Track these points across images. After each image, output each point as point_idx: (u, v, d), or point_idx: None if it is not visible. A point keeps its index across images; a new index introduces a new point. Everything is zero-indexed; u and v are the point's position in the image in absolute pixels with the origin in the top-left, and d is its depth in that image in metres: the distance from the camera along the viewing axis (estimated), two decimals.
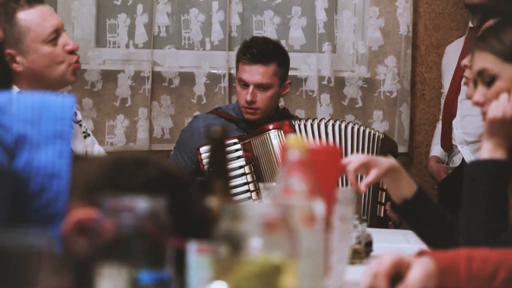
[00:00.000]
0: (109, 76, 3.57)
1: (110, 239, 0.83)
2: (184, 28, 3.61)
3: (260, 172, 2.76)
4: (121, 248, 0.83)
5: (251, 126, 2.90)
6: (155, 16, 3.57)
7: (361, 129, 2.83)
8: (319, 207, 1.01)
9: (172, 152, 3.07)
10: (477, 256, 1.16)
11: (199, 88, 3.58)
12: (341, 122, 2.84)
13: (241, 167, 2.78)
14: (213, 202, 0.98)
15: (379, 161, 1.76)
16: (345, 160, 1.71)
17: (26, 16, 2.16)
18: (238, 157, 2.79)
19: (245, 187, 2.76)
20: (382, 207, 2.75)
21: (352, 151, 2.78)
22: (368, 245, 1.79)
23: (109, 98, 3.56)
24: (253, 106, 2.89)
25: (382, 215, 2.75)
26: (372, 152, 2.81)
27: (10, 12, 2.16)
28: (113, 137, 3.55)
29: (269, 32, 3.59)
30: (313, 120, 2.84)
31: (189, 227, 0.94)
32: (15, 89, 2.20)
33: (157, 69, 3.58)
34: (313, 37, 3.57)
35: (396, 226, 2.71)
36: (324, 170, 1.08)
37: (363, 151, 2.80)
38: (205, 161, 2.78)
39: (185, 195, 0.98)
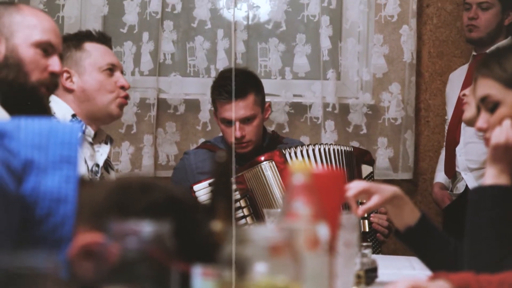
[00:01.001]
0: None
1: (116, 263, 0.83)
2: (190, 55, 3.64)
3: (256, 205, 2.74)
4: (127, 272, 0.83)
5: (242, 158, 2.87)
6: (161, 43, 3.60)
7: (331, 148, 2.77)
8: (323, 231, 1.01)
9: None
10: (482, 279, 1.17)
11: (204, 115, 3.60)
12: (326, 145, 2.79)
13: (236, 200, 2.75)
14: (218, 226, 0.99)
15: (380, 188, 1.76)
16: (346, 187, 1.72)
17: (91, 46, 2.46)
18: (233, 191, 2.76)
19: (243, 221, 2.74)
20: (366, 221, 2.73)
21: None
22: (373, 271, 1.79)
23: (115, 125, 3.57)
24: (243, 140, 2.87)
25: (367, 229, 2.73)
26: (344, 166, 2.76)
27: (80, 40, 2.46)
28: (118, 163, 3.57)
29: (274, 59, 3.62)
30: (302, 146, 2.81)
31: (194, 251, 0.95)
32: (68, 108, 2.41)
33: (162, 96, 3.60)
34: (318, 64, 3.59)
35: (385, 237, 2.70)
36: (328, 195, 1.09)
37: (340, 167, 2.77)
38: (200, 198, 2.75)
39: (190, 219, 0.99)
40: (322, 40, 3.58)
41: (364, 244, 1.87)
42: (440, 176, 3.45)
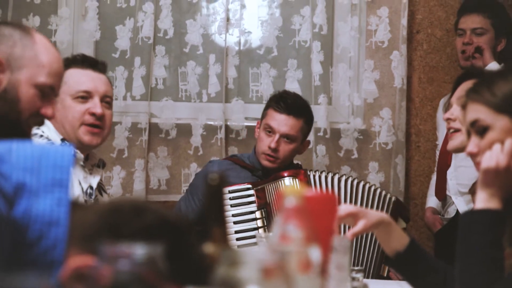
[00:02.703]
0: None
1: (108, 286, 0.83)
2: (181, 80, 3.65)
3: (272, 218, 2.78)
4: None
5: (265, 175, 2.93)
6: (153, 68, 3.61)
7: (372, 188, 2.87)
8: (315, 254, 1.01)
9: (183, 194, 3.10)
10: None
11: (196, 140, 3.60)
12: (354, 179, 2.88)
13: (252, 212, 2.80)
14: (210, 248, 0.99)
15: (368, 213, 1.78)
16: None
17: (71, 73, 2.41)
18: (250, 203, 2.82)
19: (255, 232, 2.78)
20: (387, 267, 2.76)
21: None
22: None
23: (106, 149, 3.57)
24: (275, 154, 2.93)
25: (385, 274, 2.76)
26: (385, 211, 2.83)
27: (65, 67, 2.34)
28: (110, 188, 3.56)
29: (266, 84, 3.64)
30: (327, 173, 2.87)
31: (187, 273, 0.95)
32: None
33: (154, 120, 3.61)
34: (309, 89, 3.61)
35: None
36: (320, 218, 1.09)
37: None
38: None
39: (182, 241, 0.99)
40: (314, 65, 3.60)
41: (356, 268, 1.87)
42: (432, 201, 3.46)
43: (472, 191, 1.75)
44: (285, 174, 2.82)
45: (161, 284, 0.84)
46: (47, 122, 2.38)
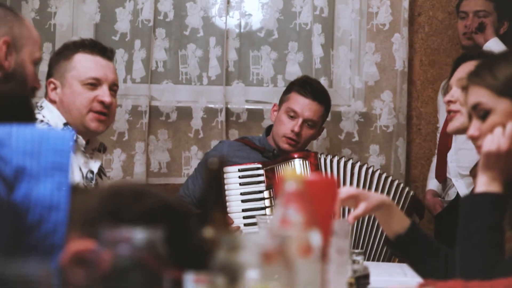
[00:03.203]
0: None
1: (108, 270, 0.83)
2: (182, 63, 3.64)
3: None
4: (119, 279, 0.83)
5: (275, 157, 2.94)
6: (153, 51, 3.60)
7: (389, 179, 2.89)
8: (315, 238, 1.01)
9: (192, 172, 3.11)
10: (471, 285, 1.17)
11: (196, 123, 3.59)
12: (369, 167, 2.89)
13: (260, 191, 2.82)
14: (210, 233, 0.98)
15: (369, 195, 1.78)
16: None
17: (80, 58, 2.43)
18: (259, 182, 2.84)
19: (262, 211, 2.80)
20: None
21: None
22: (365, 278, 1.79)
23: (107, 132, 3.54)
24: (296, 138, 2.94)
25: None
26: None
27: (72, 51, 2.44)
28: (110, 171, 3.56)
29: (266, 67, 3.62)
30: (340, 158, 2.88)
31: (187, 258, 0.95)
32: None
33: (154, 103, 3.60)
34: (310, 72, 3.59)
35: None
36: (321, 202, 1.09)
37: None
38: (227, 181, 2.84)
39: (183, 226, 0.99)
40: (314, 48, 3.59)
41: (356, 251, 1.88)
42: (432, 184, 3.46)
43: (473, 173, 1.74)
44: (295, 156, 2.84)
45: (161, 269, 0.84)
46: (49, 105, 2.39)
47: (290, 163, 2.82)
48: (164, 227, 0.86)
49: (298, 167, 2.80)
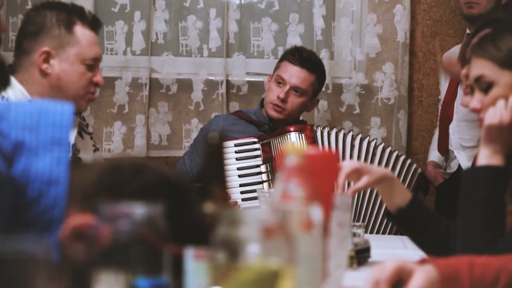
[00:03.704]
0: (107, 83, 3.55)
1: (107, 245, 0.83)
2: (182, 35, 3.62)
3: (276, 173, 2.78)
4: (118, 254, 0.83)
5: (271, 130, 2.93)
6: (153, 23, 3.57)
7: (394, 154, 2.87)
8: (316, 213, 1.01)
9: (188, 148, 3.11)
10: (478, 262, 1.16)
11: (197, 95, 3.58)
12: (372, 140, 2.88)
13: (257, 166, 2.81)
14: (210, 208, 0.98)
15: (371, 169, 1.77)
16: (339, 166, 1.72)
17: (83, 32, 2.26)
18: (256, 156, 2.83)
19: (259, 186, 2.80)
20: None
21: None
22: (366, 251, 1.79)
23: (107, 104, 3.56)
24: (282, 105, 2.93)
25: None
26: (403, 182, 2.82)
27: (72, 20, 2.26)
28: (110, 143, 3.55)
29: (267, 39, 3.60)
30: (338, 131, 2.87)
31: (187, 233, 0.94)
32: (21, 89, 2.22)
33: (154, 76, 3.58)
34: (311, 44, 3.57)
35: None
36: (322, 176, 1.09)
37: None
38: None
39: (182, 201, 0.98)
40: (316, 19, 3.56)
41: (357, 224, 1.88)
42: (434, 155, 3.45)
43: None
44: (291, 129, 2.83)
45: (161, 244, 0.84)
46: (13, 80, 2.18)
47: (286, 136, 2.81)
48: (164, 202, 0.86)
49: (294, 140, 2.79)
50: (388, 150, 2.89)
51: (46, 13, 2.25)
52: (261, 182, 2.81)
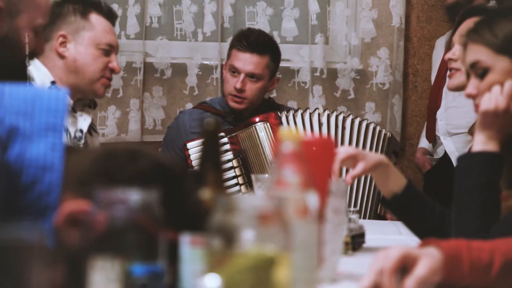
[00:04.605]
0: None
1: (103, 232, 0.83)
2: (176, 19, 3.60)
3: (248, 165, 2.75)
4: (114, 240, 0.82)
5: (237, 119, 2.89)
6: (147, 6, 3.56)
7: (364, 123, 2.82)
8: (312, 199, 1.01)
9: (160, 149, 3.06)
10: (474, 245, 1.17)
11: (191, 79, 3.57)
12: (332, 112, 2.83)
13: (229, 160, 2.77)
14: (206, 194, 0.98)
15: (367, 155, 1.77)
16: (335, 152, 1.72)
17: (97, 19, 2.40)
18: (226, 151, 2.78)
19: (234, 181, 2.76)
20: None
21: (351, 145, 2.78)
22: (360, 236, 1.79)
23: None
24: (241, 94, 2.89)
25: (382, 213, 2.76)
26: (376, 150, 2.80)
27: (88, 9, 2.40)
28: (104, 128, 3.54)
29: (262, 23, 3.59)
30: (304, 111, 2.83)
31: (182, 219, 0.94)
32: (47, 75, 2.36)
33: (149, 60, 3.57)
34: (306, 29, 3.56)
35: None
36: (317, 162, 1.08)
37: (364, 146, 2.79)
38: (192, 156, 2.77)
39: (178, 187, 0.98)
40: (311, 4, 3.55)
41: (352, 209, 1.88)
42: (424, 142, 3.46)
43: (472, 131, 1.73)
44: (256, 120, 2.76)
45: (157, 230, 0.83)
46: (36, 62, 2.33)
47: (252, 128, 2.76)
48: (160, 188, 0.86)
49: (260, 130, 2.75)
50: (357, 121, 2.82)
51: (63, 4, 2.41)
52: (235, 177, 2.76)
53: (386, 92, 3.61)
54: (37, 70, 2.34)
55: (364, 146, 2.79)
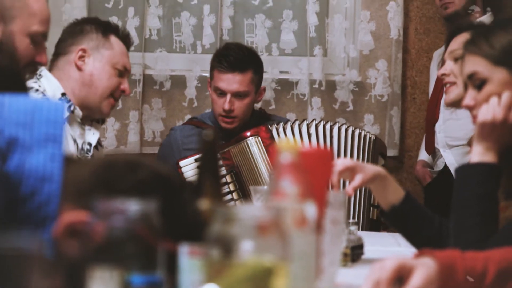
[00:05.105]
0: None
1: (102, 242, 0.83)
2: (176, 31, 3.61)
3: (242, 180, 2.75)
4: (113, 250, 0.83)
5: (228, 135, 2.88)
6: (147, 19, 3.57)
7: (350, 130, 2.82)
8: (310, 210, 1.01)
9: None
10: (468, 255, 1.17)
11: (190, 92, 3.58)
12: (326, 123, 2.83)
13: (222, 176, 2.75)
14: (204, 205, 0.98)
15: (365, 167, 1.77)
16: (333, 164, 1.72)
17: (116, 41, 2.48)
18: (219, 166, 2.77)
19: (229, 196, 2.75)
20: (375, 209, 2.75)
21: (340, 154, 2.78)
22: (359, 248, 1.79)
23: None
24: (231, 114, 2.88)
25: (375, 217, 2.76)
26: (363, 154, 2.81)
27: (108, 31, 2.47)
28: (104, 140, 3.55)
29: (260, 35, 3.60)
30: (293, 123, 2.82)
31: (181, 230, 0.94)
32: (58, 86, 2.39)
33: (148, 72, 3.58)
34: (304, 41, 3.57)
35: (386, 230, 2.72)
36: (315, 173, 1.09)
37: (351, 153, 2.80)
38: (186, 174, 2.77)
39: (177, 197, 0.98)
40: (309, 16, 3.56)
41: (351, 221, 1.88)
42: (424, 154, 3.47)
43: (470, 143, 1.74)
44: (248, 134, 2.74)
45: (155, 241, 0.84)
46: (48, 74, 2.37)
47: (244, 143, 2.75)
48: (158, 198, 0.86)
49: (252, 145, 2.74)
50: (343, 128, 2.82)
51: (85, 22, 2.51)
52: (230, 192, 2.76)
53: (385, 104, 3.62)
54: (49, 82, 2.37)
55: (352, 152, 2.79)
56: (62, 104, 1.06)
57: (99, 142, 2.52)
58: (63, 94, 2.38)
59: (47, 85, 2.36)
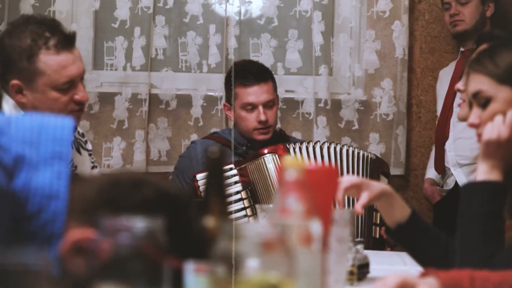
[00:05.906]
0: (106, 99, 3.58)
1: (108, 259, 0.83)
2: (181, 50, 3.63)
3: (257, 197, 2.77)
4: (119, 268, 0.83)
5: (247, 152, 2.91)
6: (153, 38, 3.59)
7: (356, 151, 2.84)
8: (316, 227, 1.01)
9: (171, 177, 3.07)
10: (478, 276, 1.16)
11: (196, 111, 3.59)
12: (336, 144, 2.86)
13: (238, 192, 2.78)
14: (210, 222, 0.98)
15: (371, 184, 1.77)
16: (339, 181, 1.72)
17: (47, 60, 2.15)
18: (235, 182, 2.79)
19: (243, 212, 2.76)
20: (377, 228, 2.75)
21: (347, 173, 2.80)
22: (365, 266, 1.79)
23: (106, 120, 3.56)
24: (267, 125, 2.92)
25: (377, 236, 2.76)
26: (365, 173, 2.82)
27: (35, 50, 2.15)
28: (110, 159, 3.55)
29: (266, 54, 3.61)
30: (308, 143, 2.85)
31: (187, 247, 0.94)
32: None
33: (154, 91, 3.59)
34: (310, 60, 3.59)
35: (392, 248, 2.71)
36: (321, 191, 1.09)
37: (357, 173, 2.81)
38: (202, 188, 2.78)
39: (182, 215, 0.98)
40: (314, 35, 3.58)
41: (357, 239, 1.87)
42: (431, 172, 3.46)
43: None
44: (265, 151, 2.78)
45: (161, 258, 0.84)
46: (5, 95, 2.19)
47: (261, 160, 2.77)
48: (164, 216, 0.86)
49: (269, 162, 2.76)
50: (351, 150, 2.82)
51: (13, 41, 2.17)
52: (244, 208, 2.77)
53: (390, 123, 3.62)
54: (6, 102, 2.18)
55: (353, 171, 2.81)
56: (69, 122, 1.06)
57: (82, 146, 2.41)
58: None
59: (5, 105, 2.17)
